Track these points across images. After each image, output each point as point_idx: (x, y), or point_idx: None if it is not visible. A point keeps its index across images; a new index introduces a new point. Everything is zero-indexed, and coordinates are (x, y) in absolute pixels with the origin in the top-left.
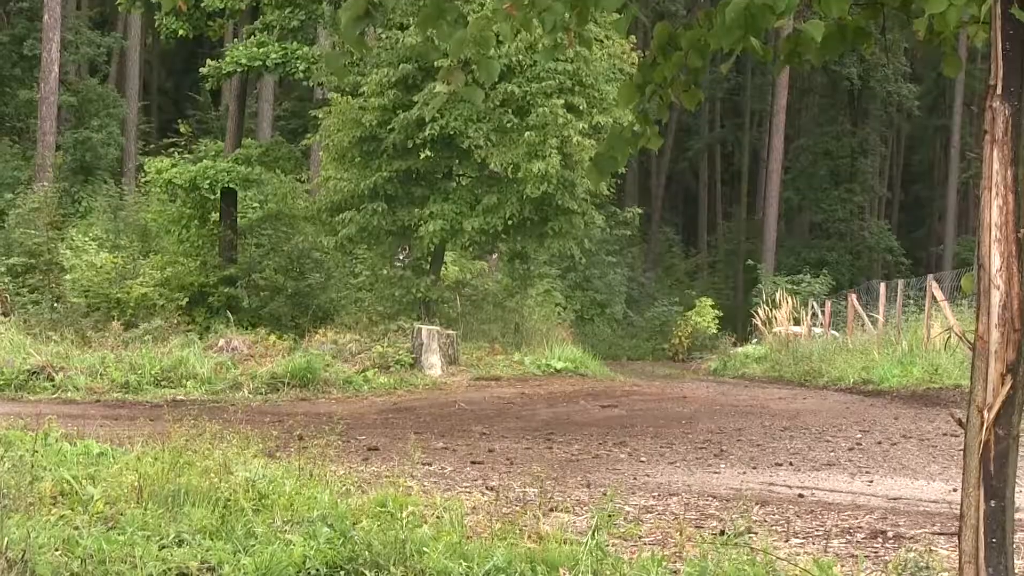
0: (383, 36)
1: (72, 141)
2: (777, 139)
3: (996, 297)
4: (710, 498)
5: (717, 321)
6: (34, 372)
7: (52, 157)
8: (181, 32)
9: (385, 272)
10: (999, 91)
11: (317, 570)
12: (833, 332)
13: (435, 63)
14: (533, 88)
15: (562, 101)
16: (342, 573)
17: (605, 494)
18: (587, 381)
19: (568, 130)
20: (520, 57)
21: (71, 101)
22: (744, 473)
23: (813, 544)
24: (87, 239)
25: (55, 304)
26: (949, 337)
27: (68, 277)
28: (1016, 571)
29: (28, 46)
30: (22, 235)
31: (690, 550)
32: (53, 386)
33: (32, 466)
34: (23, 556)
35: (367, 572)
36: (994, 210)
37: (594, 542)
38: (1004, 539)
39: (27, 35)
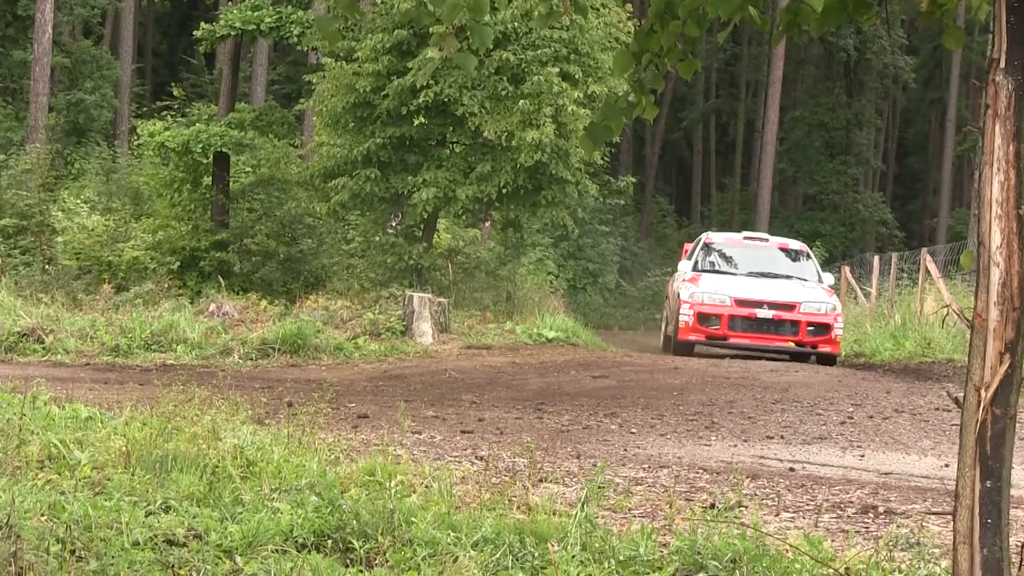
0: (378, 1)
1: (65, 103)
2: (772, 110)
3: (996, 275)
4: (700, 471)
5: None
6: (24, 334)
7: (45, 118)
8: None
9: (377, 239)
10: (1003, 64)
11: (304, 539)
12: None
13: (430, 29)
14: (528, 56)
15: (557, 69)
16: (330, 542)
17: (595, 465)
18: (578, 351)
19: (563, 99)
20: (515, 24)
21: (64, 62)
22: (735, 446)
23: (803, 518)
24: (79, 201)
25: (46, 266)
26: (947, 314)
27: (59, 239)
28: (1011, 551)
29: (22, 6)
30: (14, 196)
31: (680, 523)
32: (43, 349)
33: (20, 429)
34: (8, 520)
35: (355, 541)
36: (995, 186)
37: (584, 514)
38: (999, 519)
39: None
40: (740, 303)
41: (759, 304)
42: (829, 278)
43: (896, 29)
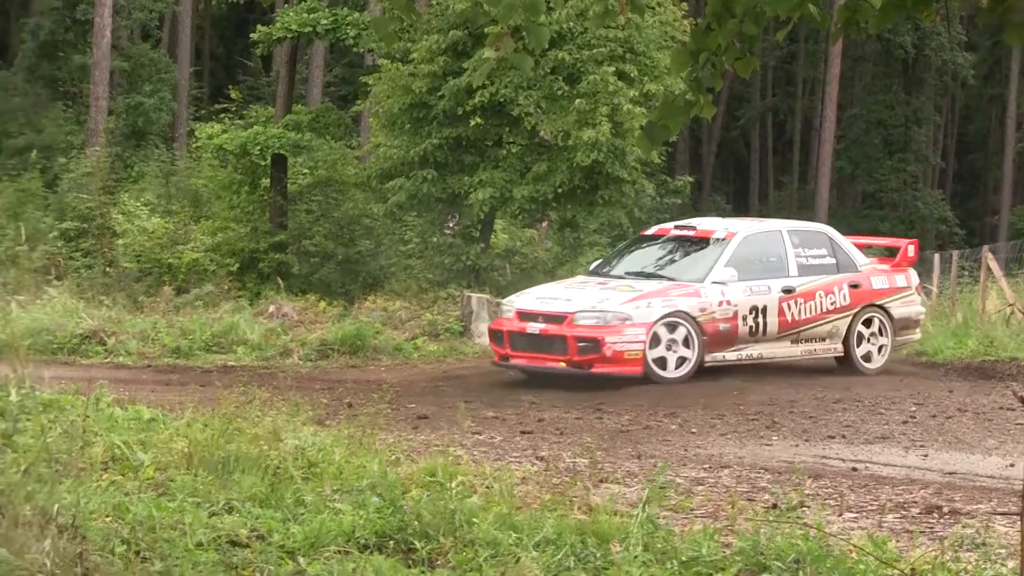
0: (433, 2)
1: (124, 106)
2: (830, 108)
3: None
4: (762, 471)
5: None
6: (86, 336)
7: (104, 122)
8: None
9: (435, 239)
10: None
11: (366, 539)
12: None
13: (485, 29)
14: (584, 55)
15: (613, 69)
16: (391, 543)
17: (656, 465)
18: None
19: (619, 98)
20: (571, 24)
21: (123, 66)
22: (796, 446)
23: (867, 519)
24: (139, 204)
25: (107, 269)
26: (1011, 313)
27: (120, 242)
28: None
29: (81, 11)
30: (75, 199)
31: (742, 523)
32: (105, 351)
33: (83, 431)
34: (73, 522)
35: (416, 542)
36: None
37: (645, 514)
38: None
39: (80, 0)
40: (521, 316)
41: (534, 317)
42: (727, 273)
43: (955, 25)
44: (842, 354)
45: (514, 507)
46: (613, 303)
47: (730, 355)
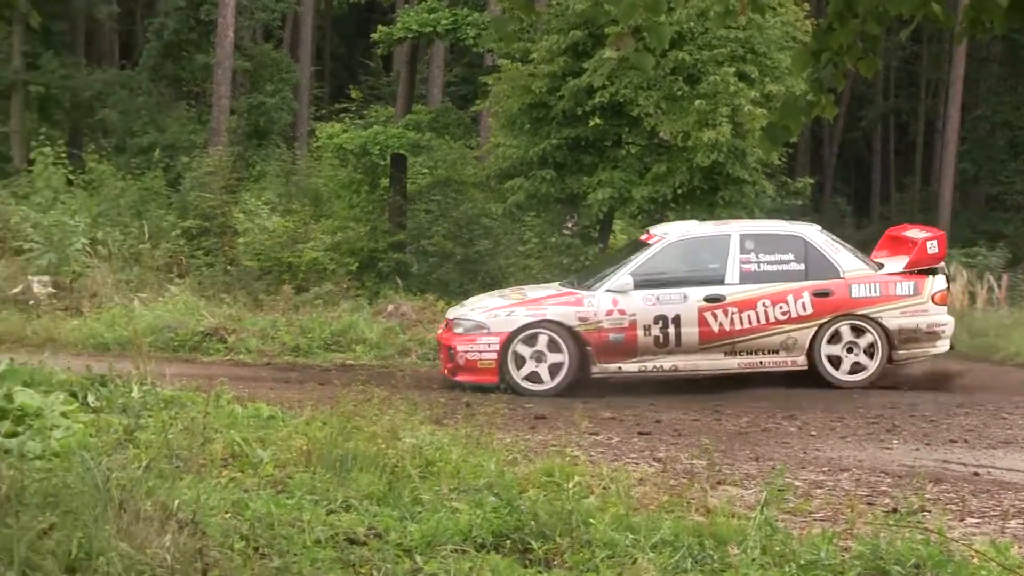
0: (553, 2)
1: (246, 106)
2: (953, 109)
3: None
4: (882, 474)
5: None
6: (207, 334)
7: (226, 121)
8: None
9: (553, 240)
10: None
11: (483, 539)
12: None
13: (605, 29)
14: (704, 56)
15: (733, 69)
16: (508, 542)
17: (774, 468)
18: None
19: (739, 99)
20: (691, 24)
21: (245, 66)
22: (917, 449)
23: (989, 524)
24: (260, 203)
25: (228, 267)
26: None
27: (241, 240)
28: None
29: (204, 11)
30: (197, 198)
31: (861, 527)
32: (226, 348)
33: (204, 428)
34: (194, 517)
35: (533, 542)
36: None
37: (763, 517)
38: None
39: (203, 0)
40: (447, 326)
41: (445, 325)
42: (623, 281)
43: None
44: (805, 367)
45: (631, 508)
46: (478, 312)
47: (629, 366)
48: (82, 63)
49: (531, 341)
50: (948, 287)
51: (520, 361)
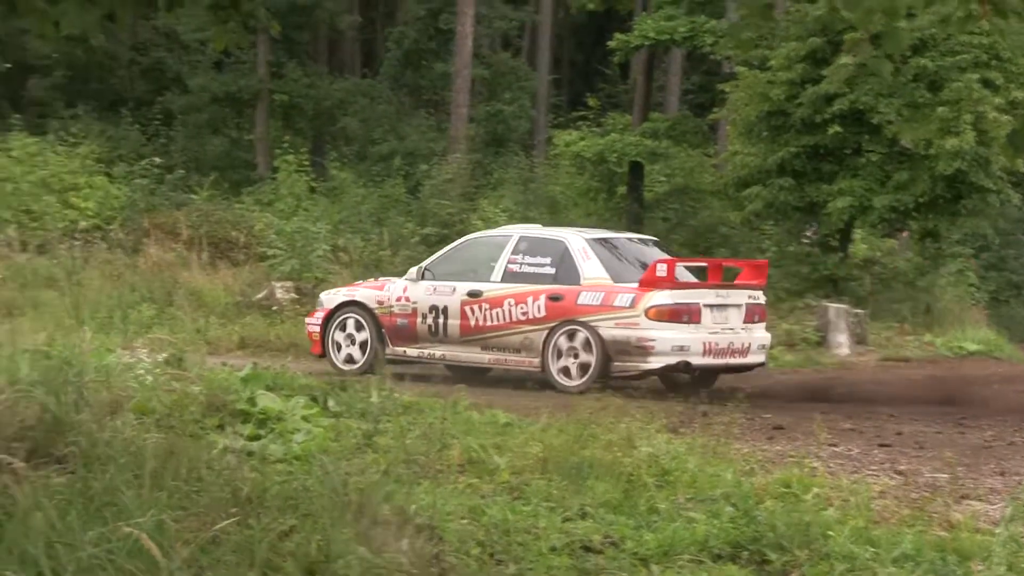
0: (792, 9)
1: (484, 114)
2: None
3: None
4: None
5: None
6: None
7: (465, 129)
8: (591, 6)
9: (792, 248)
10: None
11: (719, 549)
12: None
13: (845, 36)
14: (946, 62)
15: (977, 75)
16: (745, 553)
17: (1021, 483)
18: (1001, 365)
19: (983, 106)
20: (933, 31)
21: (484, 74)
22: None
23: None
24: (498, 210)
25: None
26: None
27: None
28: None
29: (443, 20)
30: (436, 206)
31: None
32: None
33: (441, 433)
34: (430, 522)
35: (770, 553)
36: None
37: (1008, 533)
38: None
39: (442, 9)
40: None
41: None
42: (413, 271)
43: None
44: (540, 370)
45: (871, 521)
46: (330, 292)
47: (412, 351)
48: (324, 72)
49: (344, 322)
50: (686, 304)
51: (336, 339)
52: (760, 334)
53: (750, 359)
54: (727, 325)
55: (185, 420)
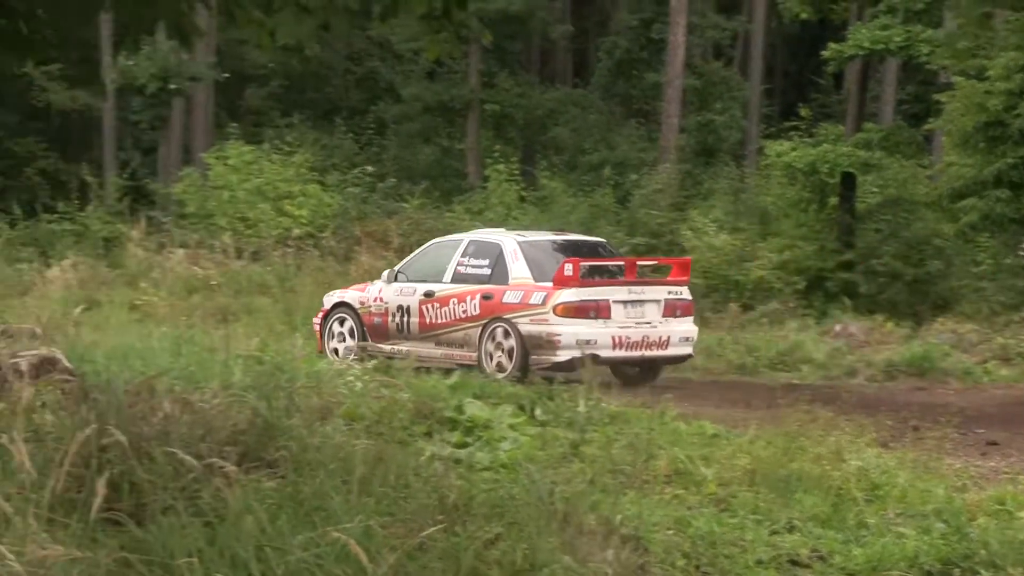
0: (1010, 18)
1: (695, 124)
2: None
3: None
4: None
5: None
6: None
7: (676, 139)
8: (804, 15)
9: (1008, 261)
10: None
11: (930, 566)
12: None
13: None
14: None
15: None
16: (956, 571)
17: None
18: None
19: None
20: None
21: (695, 84)
22: None
23: None
24: (708, 221)
25: None
26: None
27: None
28: None
29: (656, 29)
30: (646, 215)
31: None
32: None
33: (648, 444)
34: (636, 533)
35: (983, 571)
36: None
37: None
38: None
39: (655, 19)
40: None
41: None
42: (387, 272)
43: None
44: (476, 363)
45: None
46: (331, 293)
47: (385, 347)
48: (536, 82)
49: (337, 321)
50: (594, 300)
51: (331, 334)
52: (683, 327)
53: (671, 351)
54: (643, 320)
55: (393, 427)
